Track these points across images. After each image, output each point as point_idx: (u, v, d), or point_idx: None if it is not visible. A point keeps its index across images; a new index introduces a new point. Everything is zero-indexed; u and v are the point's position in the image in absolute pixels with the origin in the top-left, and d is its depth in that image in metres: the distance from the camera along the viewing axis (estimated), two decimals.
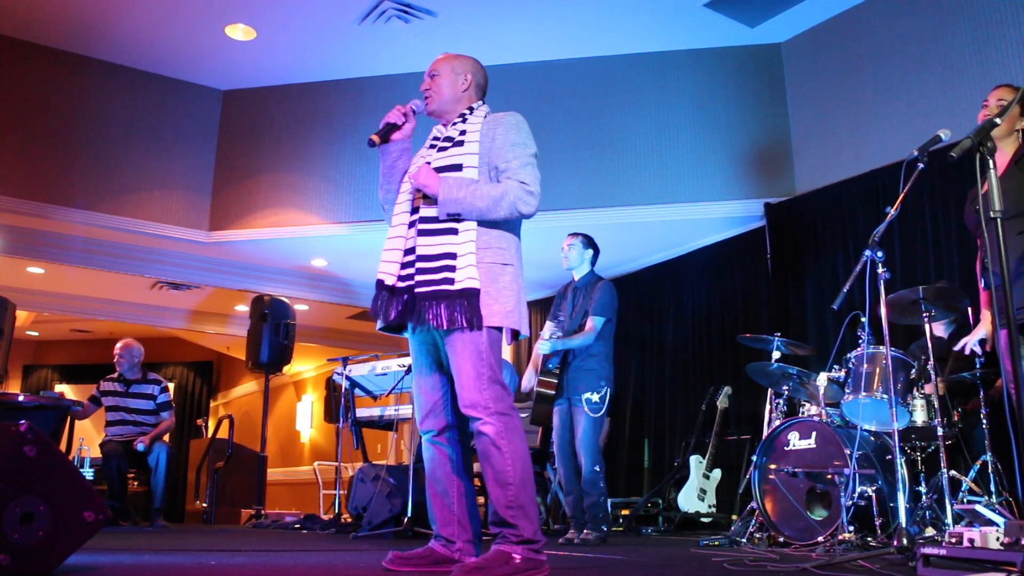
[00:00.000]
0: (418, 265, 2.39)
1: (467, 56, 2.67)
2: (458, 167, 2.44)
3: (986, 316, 3.50)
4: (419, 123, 2.66)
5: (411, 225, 2.48)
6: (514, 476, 2.31)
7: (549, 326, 4.52)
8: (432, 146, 2.59)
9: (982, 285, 3.30)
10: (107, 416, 6.08)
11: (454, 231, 2.39)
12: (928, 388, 3.69)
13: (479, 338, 2.35)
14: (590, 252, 4.69)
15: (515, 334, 2.47)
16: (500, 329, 2.41)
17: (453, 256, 2.36)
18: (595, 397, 4.40)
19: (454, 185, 2.39)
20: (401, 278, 2.44)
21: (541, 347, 4.46)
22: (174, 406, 6.44)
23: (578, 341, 4.42)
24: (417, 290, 2.38)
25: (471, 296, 2.34)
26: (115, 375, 6.21)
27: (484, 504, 5.47)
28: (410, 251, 2.44)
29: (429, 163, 2.49)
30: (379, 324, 2.49)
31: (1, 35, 6.28)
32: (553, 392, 4.47)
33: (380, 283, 2.45)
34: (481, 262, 2.38)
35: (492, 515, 2.34)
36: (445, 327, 2.33)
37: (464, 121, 2.56)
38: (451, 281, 2.34)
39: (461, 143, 2.50)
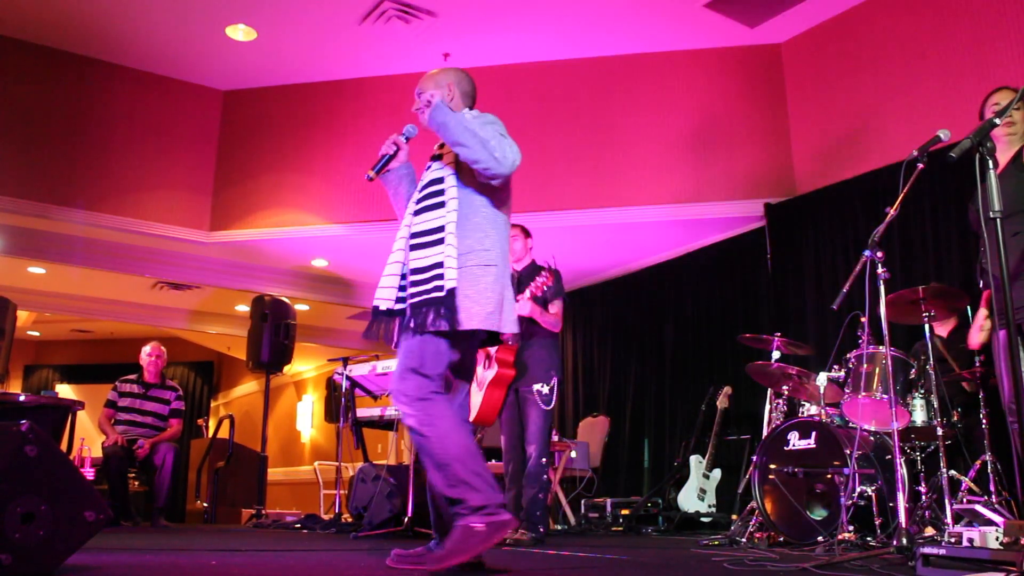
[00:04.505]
0: (411, 278, 2.46)
1: (449, 67, 2.77)
2: (440, 179, 2.52)
3: (980, 313, 3.52)
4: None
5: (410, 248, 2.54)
6: (446, 455, 2.32)
7: None
8: (434, 159, 2.67)
9: (980, 285, 3.32)
10: (117, 415, 6.08)
11: (441, 240, 2.44)
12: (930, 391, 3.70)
13: (416, 337, 2.40)
14: (530, 241, 4.57)
15: (495, 337, 2.50)
16: (473, 332, 2.44)
17: (441, 265, 2.41)
18: (545, 389, 4.28)
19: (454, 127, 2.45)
20: (399, 300, 2.49)
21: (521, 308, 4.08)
22: (183, 415, 6.45)
23: (551, 321, 4.28)
24: (411, 301, 2.43)
25: (450, 300, 2.38)
26: (134, 377, 6.22)
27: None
28: (405, 275, 2.51)
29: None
30: (393, 344, 2.54)
31: (2, 35, 6.29)
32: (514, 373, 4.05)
33: (375, 309, 2.49)
34: (464, 266, 2.43)
35: (441, 499, 2.37)
36: (420, 331, 2.39)
37: None
38: (441, 288, 2.39)
39: (444, 155, 2.60)
